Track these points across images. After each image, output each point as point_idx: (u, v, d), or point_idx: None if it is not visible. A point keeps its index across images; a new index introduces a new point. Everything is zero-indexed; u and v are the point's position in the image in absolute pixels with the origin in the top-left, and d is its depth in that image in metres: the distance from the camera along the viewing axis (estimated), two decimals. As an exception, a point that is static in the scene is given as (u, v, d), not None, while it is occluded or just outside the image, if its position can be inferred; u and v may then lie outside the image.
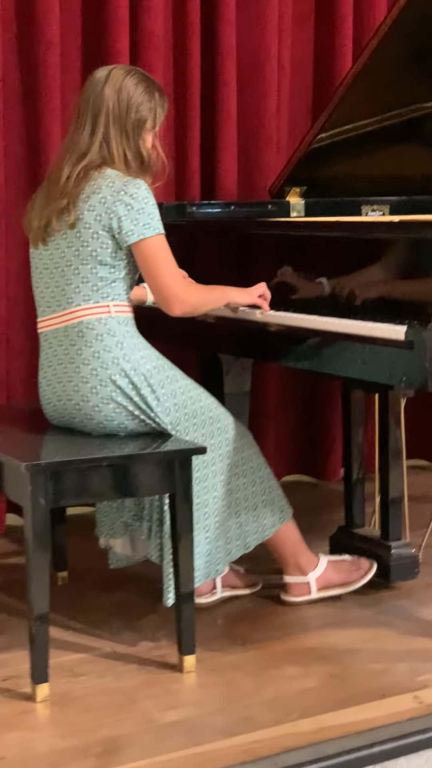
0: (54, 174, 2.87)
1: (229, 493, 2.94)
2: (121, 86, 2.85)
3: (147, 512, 2.93)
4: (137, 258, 2.80)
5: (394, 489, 3.17)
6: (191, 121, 3.90)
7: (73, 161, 2.83)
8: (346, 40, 4.17)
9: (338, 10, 4.16)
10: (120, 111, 2.84)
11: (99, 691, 2.62)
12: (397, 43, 3.39)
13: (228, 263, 3.35)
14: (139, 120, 2.86)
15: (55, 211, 2.82)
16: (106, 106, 2.83)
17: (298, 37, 4.18)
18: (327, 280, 2.93)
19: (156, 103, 2.88)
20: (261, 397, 4.10)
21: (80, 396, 2.82)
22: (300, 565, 3.07)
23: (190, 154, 3.91)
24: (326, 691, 2.59)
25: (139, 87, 2.86)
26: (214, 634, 2.92)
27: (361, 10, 4.23)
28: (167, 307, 2.83)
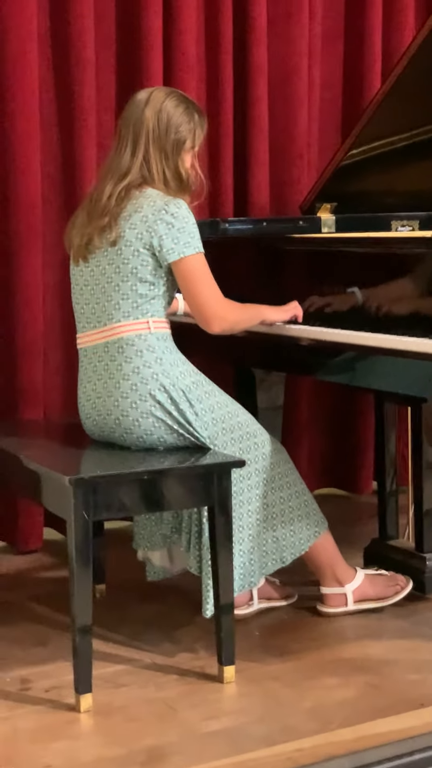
0: (95, 193, 2.93)
1: (265, 507, 2.98)
2: (161, 107, 2.90)
3: (186, 524, 2.98)
4: (177, 276, 2.86)
5: (428, 501, 3.20)
6: (224, 139, 3.95)
7: (114, 181, 2.89)
8: (375, 57, 4.21)
9: (367, 28, 4.20)
10: (159, 132, 2.90)
11: (141, 701, 2.66)
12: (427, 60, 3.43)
13: (260, 279, 3.40)
14: (178, 140, 2.92)
15: (96, 229, 2.88)
16: (146, 127, 2.89)
17: (327, 54, 4.22)
18: (359, 295, 2.97)
19: (195, 124, 2.94)
20: (293, 410, 4.13)
21: (120, 411, 2.87)
22: (337, 577, 3.11)
23: (223, 170, 3.96)
24: (365, 700, 2.62)
25: (178, 108, 2.92)
26: (251, 645, 2.95)
27: (389, 28, 4.26)
28: (206, 325, 2.88)
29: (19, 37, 3.55)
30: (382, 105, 3.45)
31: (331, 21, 4.23)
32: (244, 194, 4.03)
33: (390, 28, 4.27)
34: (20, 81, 3.57)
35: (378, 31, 4.22)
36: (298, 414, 4.19)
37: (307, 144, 4.11)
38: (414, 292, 2.88)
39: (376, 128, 3.57)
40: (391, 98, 3.45)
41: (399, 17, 4.26)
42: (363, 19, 4.21)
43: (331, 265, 3.14)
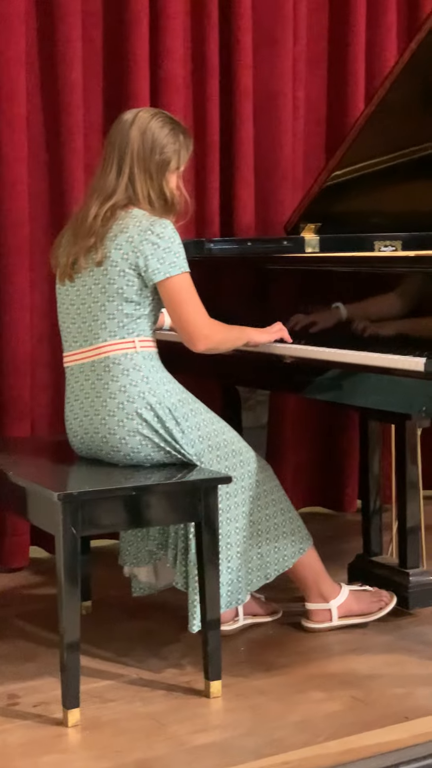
0: (81, 213, 2.96)
1: (251, 524, 3.01)
2: (147, 128, 2.94)
3: (172, 540, 3.00)
4: (163, 296, 2.89)
5: (412, 517, 3.23)
6: (210, 160, 4.00)
7: (100, 201, 2.92)
8: (358, 80, 4.27)
9: (350, 52, 4.26)
10: (144, 152, 2.93)
11: (129, 716, 2.68)
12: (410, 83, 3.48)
13: (245, 298, 3.44)
14: (164, 161, 2.95)
15: (82, 249, 2.91)
16: (131, 148, 2.93)
17: (311, 78, 4.28)
18: (343, 311, 3.01)
19: (180, 145, 2.97)
20: (278, 429, 4.17)
21: (107, 429, 2.90)
22: (322, 592, 3.14)
23: (209, 191, 4.00)
24: (351, 714, 2.65)
25: (164, 129, 2.95)
26: (238, 661, 2.98)
27: (372, 52, 4.33)
28: (191, 344, 2.91)
29: (7, 60, 3.60)
30: (366, 127, 3.51)
31: (315, 45, 4.29)
32: (229, 214, 4.08)
33: (373, 51, 4.33)
34: (8, 103, 3.61)
35: (361, 54, 4.28)
36: (283, 432, 4.23)
37: (292, 165, 4.17)
38: (396, 310, 2.92)
39: (360, 150, 3.62)
40: (374, 120, 3.50)
41: (382, 41, 4.33)
42: (346, 43, 4.27)
43: (315, 284, 3.18)
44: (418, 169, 3.86)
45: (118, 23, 3.82)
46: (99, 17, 3.83)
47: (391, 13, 4.34)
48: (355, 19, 4.25)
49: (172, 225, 2.89)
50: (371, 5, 4.32)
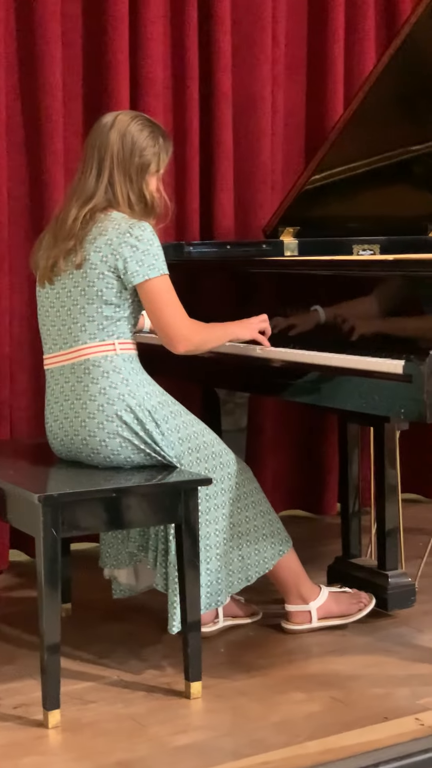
0: (61, 216, 2.97)
1: (231, 526, 3.02)
2: (126, 131, 2.95)
3: (152, 542, 3.01)
4: (142, 298, 2.89)
5: (390, 520, 3.25)
6: (190, 163, 4.01)
7: (79, 204, 2.93)
8: (337, 84, 4.29)
9: (329, 56, 4.27)
10: (124, 155, 2.94)
11: (109, 717, 2.68)
12: (387, 89, 3.51)
13: (224, 301, 3.45)
14: (143, 164, 2.96)
15: (62, 252, 2.92)
16: (111, 151, 2.93)
17: (291, 82, 4.29)
18: (322, 313, 3.03)
19: (160, 148, 2.98)
20: (258, 432, 4.18)
21: (87, 431, 2.91)
22: (302, 594, 3.15)
23: (189, 195, 4.01)
24: (331, 714, 2.66)
25: (143, 132, 2.96)
26: (218, 662, 2.98)
27: (350, 57, 4.35)
28: (171, 346, 2.92)
29: (-13, 63, 3.60)
30: (344, 132, 3.53)
31: (295, 49, 4.30)
32: (209, 218, 4.09)
33: (352, 56, 4.35)
34: (-12, 105, 3.62)
35: (340, 59, 4.30)
36: (263, 435, 4.24)
37: (271, 169, 4.18)
38: (375, 313, 2.94)
39: (338, 154, 3.64)
40: (352, 125, 3.53)
41: (360, 46, 4.35)
42: (325, 47, 4.28)
43: (294, 287, 3.20)
44: (396, 173, 3.90)
45: (98, 27, 3.83)
46: (79, 21, 3.84)
47: (369, 19, 4.36)
48: (333, 24, 4.27)
49: (151, 227, 2.90)
50: (349, 10, 4.34)
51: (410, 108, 3.72)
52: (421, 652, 3.02)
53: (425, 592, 3.40)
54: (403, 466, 4.51)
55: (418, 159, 3.90)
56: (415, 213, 4.04)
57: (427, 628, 3.18)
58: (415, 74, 3.60)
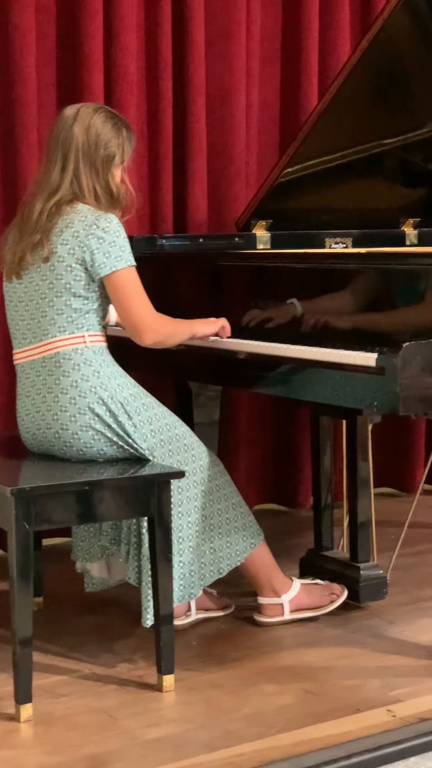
0: (26, 210, 2.95)
1: (203, 518, 3.02)
2: (90, 124, 2.94)
3: (125, 535, 3.00)
4: (109, 290, 2.89)
5: (363, 512, 3.26)
6: (164, 156, 4.00)
7: (45, 197, 2.92)
8: (312, 78, 4.28)
9: (303, 49, 4.27)
10: (89, 148, 2.93)
11: (81, 710, 2.68)
12: (361, 82, 3.52)
13: (197, 294, 3.45)
14: (108, 156, 2.95)
15: (28, 246, 2.90)
16: (75, 143, 2.93)
17: (265, 75, 4.29)
18: (298, 306, 3.03)
19: (124, 139, 2.98)
20: (232, 426, 4.18)
21: (59, 424, 2.90)
22: (274, 587, 3.15)
23: (163, 188, 4.01)
24: (303, 706, 2.67)
25: (107, 124, 2.96)
26: (190, 655, 2.99)
27: (325, 50, 4.34)
28: (138, 337, 2.92)
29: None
30: (317, 125, 3.53)
31: (269, 42, 4.30)
32: (183, 211, 4.08)
33: (326, 49, 4.35)
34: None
35: (315, 52, 4.30)
36: (237, 429, 4.24)
37: (246, 162, 4.18)
38: (347, 307, 2.95)
39: (311, 147, 3.64)
40: (325, 118, 3.53)
41: (335, 39, 4.35)
42: (300, 40, 4.28)
43: (266, 280, 3.20)
44: (368, 166, 3.90)
45: (72, 18, 3.81)
46: (53, 12, 3.82)
47: (344, 11, 4.36)
48: (308, 17, 4.27)
49: (117, 219, 2.90)
50: (324, 3, 4.34)
51: (383, 102, 3.72)
52: (392, 643, 3.03)
53: (397, 584, 3.42)
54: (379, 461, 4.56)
55: (390, 152, 3.91)
56: (387, 206, 4.05)
57: (398, 619, 3.20)
58: (387, 68, 3.62)
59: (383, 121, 3.79)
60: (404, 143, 3.91)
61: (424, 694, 2.70)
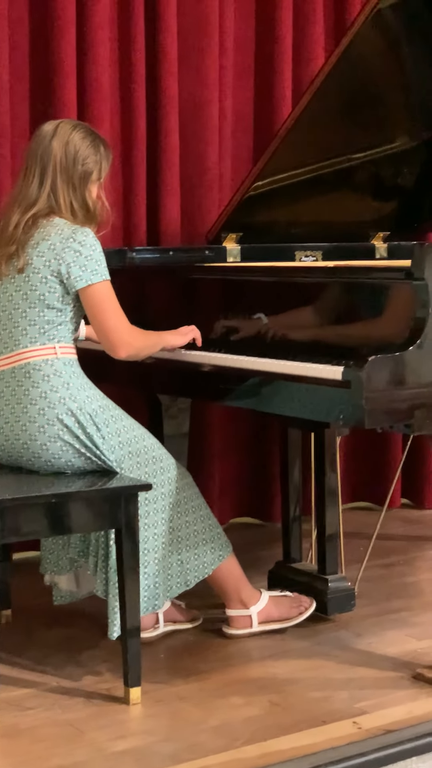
0: (2, 222, 2.97)
1: (170, 530, 3.03)
2: (68, 140, 2.96)
3: (93, 548, 3.00)
4: (84, 303, 2.90)
5: (331, 524, 3.27)
6: (137, 169, 4.00)
7: (21, 210, 2.94)
8: (285, 91, 4.29)
9: (276, 63, 4.28)
10: (67, 163, 2.95)
11: (48, 723, 2.67)
12: (330, 96, 3.53)
13: (167, 307, 3.46)
14: (86, 172, 2.98)
15: (3, 257, 2.92)
16: (53, 159, 2.95)
17: (239, 88, 4.30)
18: (265, 322, 3.05)
19: (101, 156, 3.01)
20: (205, 439, 4.18)
21: (28, 435, 2.90)
22: (242, 599, 3.16)
23: (136, 200, 4.01)
24: (269, 718, 2.68)
25: (85, 141, 2.98)
26: (158, 667, 2.99)
27: (299, 63, 4.35)
28: (113, 351, 2.93)
29: None
30: (287, 138, 3.54)
31: (243, 55, 4.31)
32: (156, 224, 4.09)
33: (300, 61, 4.36)
34: None
35: (288, 64, 4.31)
36: (210, 442, 4.23)
37: (220, 174, 4.18)
38: (316, 320, 2.97)
39: (282, 160, 3.65)
40: (295, 132, 3.54)
41: (308, 52, 4.36)
42: (273, 52, 4.30)
43: (235, 293, 3.22)
44: (338, 180, 3.92)
45: (45, 30, 3.82)
46: (25, 23, 3.83)
47: (318, 24, 4.38)
48: (282, 30, 4.28)
49: (93, 233, 2.91)
50: (298, 16, 4.35)
51: (352, 115, 3.74)
52: (359, 655, 3.04)
53: (365, 596, 3.43)
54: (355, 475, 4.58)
55: (360, 166, 3.93)
56: (357, 219, 4.07)
57: (365, 632, 3.21)
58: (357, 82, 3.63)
59: (353, 134, 3.81)
60: (374, 157, 3.93)
61: (390, 706, 2.72)
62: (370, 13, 3.42)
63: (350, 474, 4.62)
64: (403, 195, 4.09)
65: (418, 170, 4.02)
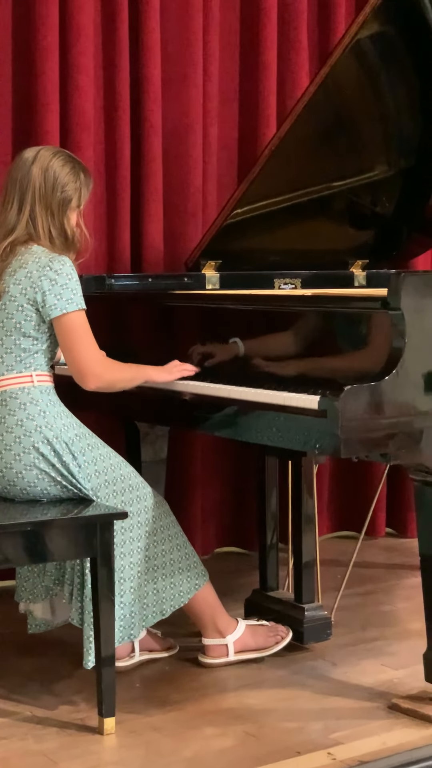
0: (-20, 249, 2.96)
1: (146, 559, 3.02)
2: (48, 166, 2.96)
3: (68, 576, 2.99)
4: (57, 331, 2.90)
5: (307, 552, 3.27)
6: (121, 195, 4.00)
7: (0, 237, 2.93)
8: (270, 118, 4.30)
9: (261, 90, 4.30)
10: (46, 190, 2.95)
11: (21, 753, 2.65)
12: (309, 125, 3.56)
13: (145, 334, 3.46)
14: (65, 199, 2.97)
15: (-20, 284, 2.91)
16: (33, 185, 2.95)
17: (224, 116, 4.31)
18: (242, 349, 3.05)
19: (81, 183, 3.00)
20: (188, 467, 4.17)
21: (3, 463, 2.89)
22: (218, 628, 3.15)
23: (120, 227, 4.01)
24: (243, 749, 2.66)
25: (65, 168, 2.98)
26: (133, 696, 2.97)
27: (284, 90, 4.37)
28: (82, 381, 2.92)
29: None
30: (266, 166, 3.56)
31: (227, 83, 4.33)
32: (139, 250, 4.09)
33: (284, 89, 4.37)
34: None
35: (272, 92, 4.33)
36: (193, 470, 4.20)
37: (203, 202, 4.19)
38: (293, 348, 2.97)
39: (260, 188, 3.67)
40: (274, 160, 3.56)
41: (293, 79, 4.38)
42: (258, 81, 4.31)
43: (213, 321, 3.22)
44: (317, 208, 3.94)
45: (27, 58, 3.83)
46: (8, 51, 3.84)
47: (302, 52, 4.40)
48: (266, 58, 4.30)
49: (71, 262, 2.92)
50: (282, 44, 4.38)
51: (331, 145, 3.77)
52: (334, 685, 3.03)
53: (341, 624, 3.43)
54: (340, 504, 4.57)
55: (339, 194, 3.95)
56: (336, 247, 4.09)
57: (341, 661, 3.20)
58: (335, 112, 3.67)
59: (332, 163, 3.83)
60: (353, 186, 3.95)
61: (365, 737, 2.70)
62: (349, 43, 3.45)
63: (335, 503, 4.62)
64: (381, 223, 4.11)
65: (396, 199, 4.05)
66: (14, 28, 3.84)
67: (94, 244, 3.82)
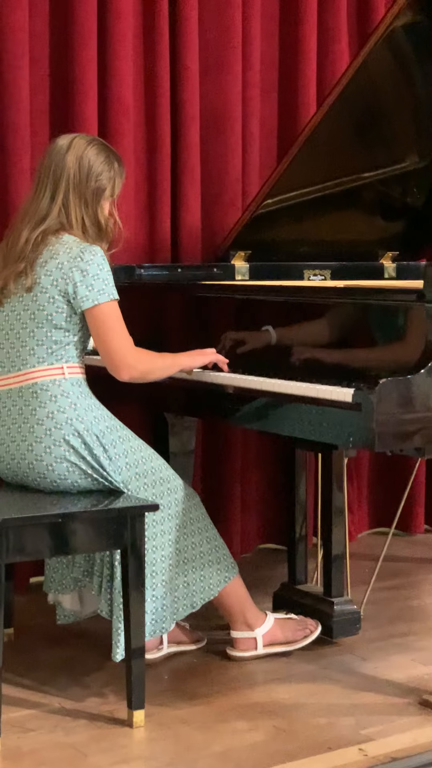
0: (12, 237, 2.95)
1: (177, 552, 3.00)
2: (83, 155, 2.94)
3: (98, 568, 2.98)
4: (89, 323, 2.88)
5: (337, 545, 3.25)
6: (162, 185, 3.96)
7: (32, 226, 2.91)
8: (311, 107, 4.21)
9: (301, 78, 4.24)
10: (80, 179, 2.93)
11: (50, 745, 2.65)
12: (341, 116, 3.53)
13: (174, 324, 3.44)
14: (99, 188, 2.95)
15: (12, 274, 2.89)
16: (66, 174, 2.92)
17: (265, 104, 4.25)
18: (274, 339, 3.03)
19: (115, 173, 2.98)
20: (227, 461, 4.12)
21: (34, 455, 2.88)
22: (247, 621, 3.13)
23: (161, 217, 3.96)
24: (274, 744, 2.65)
25: (99, 156, 2.95)
26: (161, 689, 2.96)
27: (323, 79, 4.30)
28: (116, 372, 2.90)
29: None
30: (298, 156, 3.54)
31: (267, 71, 4.27)
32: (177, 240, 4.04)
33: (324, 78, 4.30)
34: None
35: (312, 81, 4.27)
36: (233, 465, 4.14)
37: (242, 192, 4.13)
38: (324, 340, 2.95)
39: (291, 179, 3.65)
40: (305, 150, 3.54)
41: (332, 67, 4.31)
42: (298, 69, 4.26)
43: (243, 312, 3.20)
44: (347, 199, 3.92)
45: (65, 44, 3.78)
46: (46, 38, 3.79)
47: (342, 42, 4.35)
48: (306, 47, 4.25)
49: (102, 252, 2.89)
50: (322, 32, 4.32)
51: (362, 136, 3.74)
52: (365, 680, 3.01)
53: (370, 619, 3.41)
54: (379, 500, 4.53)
55: (369, 186, 3.92)
56: (366, 239, 4.06)
57: (371, 656, 3.18)
58: (367, 102, 3.63)
59: (362, 154, 3.80)
60: (383, 177, 3.92)
61: (396, 733, 2.69)
62: (383, 33, 3.41)
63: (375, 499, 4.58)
64: (412, 215, 4.08)
65: (427, 190, 4.01)
66: (51, 14, 3.80)
67: (133, 232, 3.80)
